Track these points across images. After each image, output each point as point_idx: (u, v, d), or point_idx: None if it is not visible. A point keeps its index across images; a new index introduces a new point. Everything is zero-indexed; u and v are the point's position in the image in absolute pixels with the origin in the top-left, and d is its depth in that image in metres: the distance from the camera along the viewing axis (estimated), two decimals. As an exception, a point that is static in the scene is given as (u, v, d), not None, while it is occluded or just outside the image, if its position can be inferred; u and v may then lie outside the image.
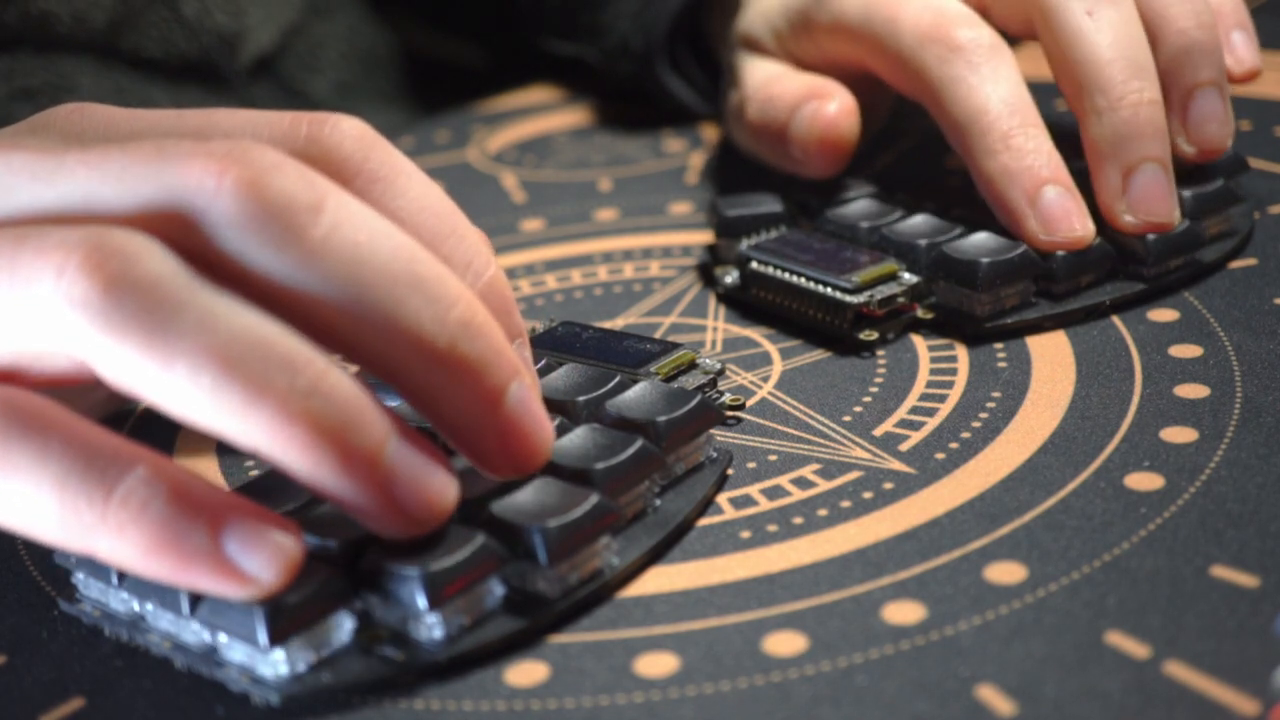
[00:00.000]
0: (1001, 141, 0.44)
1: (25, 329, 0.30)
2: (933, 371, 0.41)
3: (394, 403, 0.39)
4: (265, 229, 0.30)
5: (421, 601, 0.31)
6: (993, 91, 0.44)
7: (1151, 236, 0.43)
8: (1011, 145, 0.44)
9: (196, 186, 0.30)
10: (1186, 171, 0.46)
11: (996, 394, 0.40)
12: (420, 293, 0.31)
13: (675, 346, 0.41)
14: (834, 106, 0.49)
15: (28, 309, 0.30)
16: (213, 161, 0.30)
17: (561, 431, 0.36)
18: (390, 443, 0.30)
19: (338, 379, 0.30)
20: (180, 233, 0.30)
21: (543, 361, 0.40)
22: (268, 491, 0.34)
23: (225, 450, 0.41)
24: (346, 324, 0.30)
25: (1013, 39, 0.46)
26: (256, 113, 0.34)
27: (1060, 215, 0.43)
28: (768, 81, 0.52)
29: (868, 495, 0.36)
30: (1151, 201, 0.43)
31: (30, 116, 0.35)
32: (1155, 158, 0.44)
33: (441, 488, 0.31)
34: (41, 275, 0.29)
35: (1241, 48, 0.48)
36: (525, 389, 0.32)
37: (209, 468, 0.41)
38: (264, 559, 0.29)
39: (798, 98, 0.50)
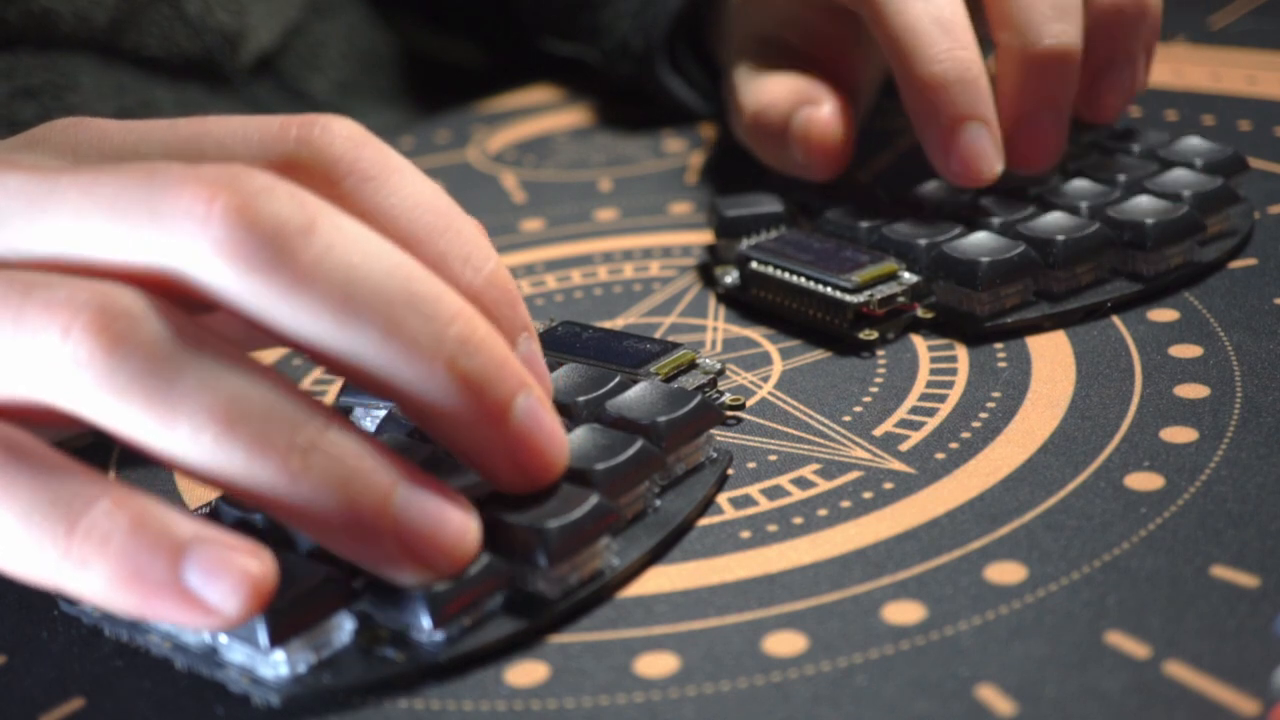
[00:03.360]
0: (926, 66, 0.44)
1: (27, 381, 0.30)
2: (933, 371, 0.41)
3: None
4: (257, 254, 0.30)
5: (425, 621, 0.31)
6: (925, 8, 0.44)
7: (1150, 220, 0.43)
8: (935, 73, 0.44)
9: (186, 213, 0.30)
10: (1177, 169, 0.47)
11: (996, 394, 0.40)
12: (416, 311, 0.30)
13: (675, 346, 0.41)
14: (826, 110, 0.49)
15: (31, 363, 0.30)
16: (202, 187, 0.30)
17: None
18: (398, 491, 0.30)
19: (339, 433, 0.30)
20: (170, 262, 0.30)
21: (543, 362, 0.40)
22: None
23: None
24: (344, 345, 0.30)
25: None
26: (247, 119, 0.34)
27: (974, 156, 0.44)
28: (759, 89, 0.52)
29: (868, 495, 0.36)
30: (1042, 148, 0.45)
31: (31, 127, 0.35)
32: (1057, 104, 0.45)
33: (458, 531, 0.31)
34: (47, 332, 0.29)
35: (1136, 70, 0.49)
36: (533, 400, 0.32)
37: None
38: (226, 589, 0.29)
39: (790, 104, 0.50)
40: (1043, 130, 0.45)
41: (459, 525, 0.31)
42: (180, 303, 0.31)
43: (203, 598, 0.29)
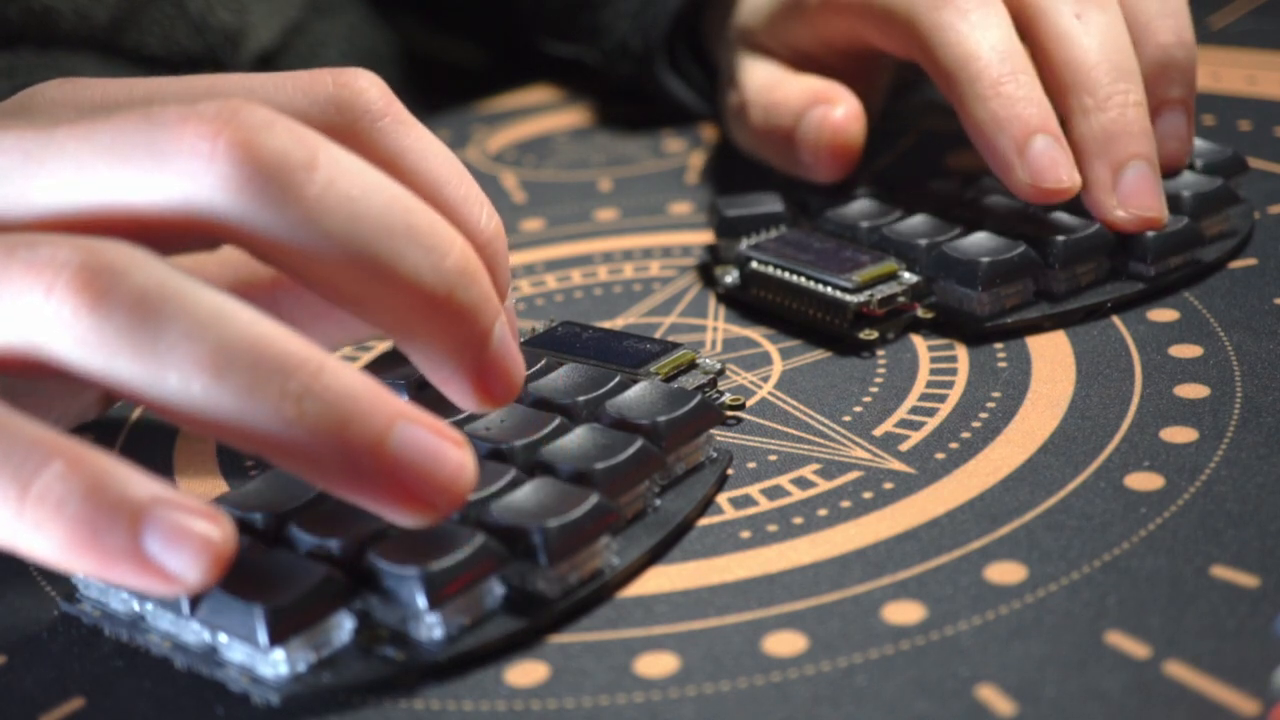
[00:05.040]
0: (991, 88, 0.44)
1: (18, 340, 0.30)
2: (933, 371, 0.41)
3: None
4: (264, 190, 0.30)
5: (421, 601, 0.31)
6: (983, 38, 0.45)
7: (1151, 234, 0.43)
8: (1001, 92, 0.44)
9: (191, 151, 0.30)
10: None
11: (996, 394, 0.40)
12: (417, 243, 0.31)
13: (675, 346, 0.41)
14: (841, 111, 0.49)
15: (19, 323, 0.30)
16: (204, 124, 0.30)
17: (561, 431, 0.36)
18: (395, 430, 0.30)
19: (333, 375, 0.30)
20: (177, 202, 0.30)
21: (543, 361, 0.40)
22: (275, 491, 0.35)
23: (225, 451, 0.41)
24: (346, 277, 0.31)
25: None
26: (273, 74, 0.34)
27: (1048, 165, 0.43)
28: (769, 86, 0.52)
29: (868, 495, 0.36)
30: (1141, 196, 0.43)
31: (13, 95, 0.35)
32: (1143, 155, 0.44)
33: (456, 468, 0.30)
34: (32, 292, 0.29)
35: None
36: (504, 327, 0.33)
37: (209, 468, 0.41)
38: (187, 557, 0.29)
39: (802, 103, 0.50)
40: (1141, 182, 0.44)
41: (456, 461, 0.30)
42: (182, 242, 0.31)
43: (162, 565, 0.29)
